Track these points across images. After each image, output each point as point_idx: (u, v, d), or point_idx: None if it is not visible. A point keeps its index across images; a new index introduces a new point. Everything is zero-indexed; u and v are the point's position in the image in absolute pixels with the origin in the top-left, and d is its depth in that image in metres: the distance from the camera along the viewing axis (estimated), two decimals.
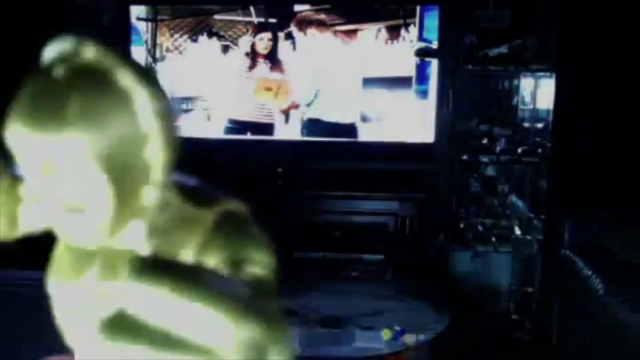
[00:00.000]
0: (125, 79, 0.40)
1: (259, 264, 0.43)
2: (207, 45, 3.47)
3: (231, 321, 0.35)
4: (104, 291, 0.42)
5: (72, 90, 0.39)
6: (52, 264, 0.47)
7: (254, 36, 3.44)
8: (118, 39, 3.47)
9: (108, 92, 0.40)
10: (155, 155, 0.41)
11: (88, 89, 0.40)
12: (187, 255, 0.42)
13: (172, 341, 0.34)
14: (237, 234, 0.45)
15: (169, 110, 0.42)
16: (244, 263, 0.43)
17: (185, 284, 0.35)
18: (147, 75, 0.42)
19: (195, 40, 3.48)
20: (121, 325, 0.35)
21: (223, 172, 3.47)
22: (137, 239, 0.42)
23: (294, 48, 3.43)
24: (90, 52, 0.42)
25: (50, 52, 0.42)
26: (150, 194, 0.42)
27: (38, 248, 0.68)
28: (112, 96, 0.40)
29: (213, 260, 0.42)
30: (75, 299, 0.44)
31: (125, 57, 0.42)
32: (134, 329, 0.34)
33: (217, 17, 3.47)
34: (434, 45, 3.34)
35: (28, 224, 0.46)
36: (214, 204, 0.45)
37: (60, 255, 0.47)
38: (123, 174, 0.40)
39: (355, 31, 3.40)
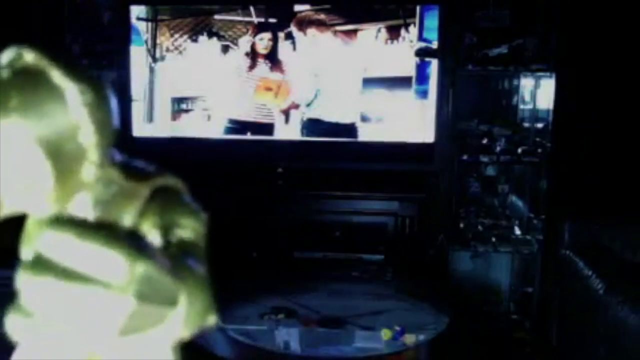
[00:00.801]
0: (57, 77, 0.49)
1: (188, 229, 0.52)
2: (207, 45, 3.47)
3: (126, 260, 0.44)
4: None
5: (13, 87, 0.49)
6: (24, 236, 0.56)
7: (254, 36, 3.44)
8: (118, 39, 3.47)
9: (42, 88, 0.49)
10: (89, 139, 0.50)
11: (26, 85, 0.49)
12: (127, 222, 0.51)
13: (77, 275, 0.43)
14: (168, 204, 0.53)
15: (99, 101, 0.51)
16: (174, 228, 0.51)
17: (90, 231, 0.45)
18: (77, 72, 0.51)
19: (195, 40, 3.48)
20: (38, 264, 0.44)
21: (223, 172, 3.47)
22: (84, 210, 0.52)
23: (294, 48, 3.43)
24: (29, 57, 0.51)
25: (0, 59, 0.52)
26: (89, 171, 0.51)
27: None
28: (46, 91, 0.49)
29: (148, 226, 0.51)
30: None
31: (59, 59, 0.51)
32: (48, 266, 0.44)
33: (217, 17, 3.47)
34: (434, 45, 3.34)
35: (9, 205, 0.53)
36: (150, 178, 0.54)
37: (29, 228, 0.56)
38: (60, 154, 0.49)
39: (355, 31, 3.40)
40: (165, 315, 0.46)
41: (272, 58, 3.45)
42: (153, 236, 0.51)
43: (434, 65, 3.36)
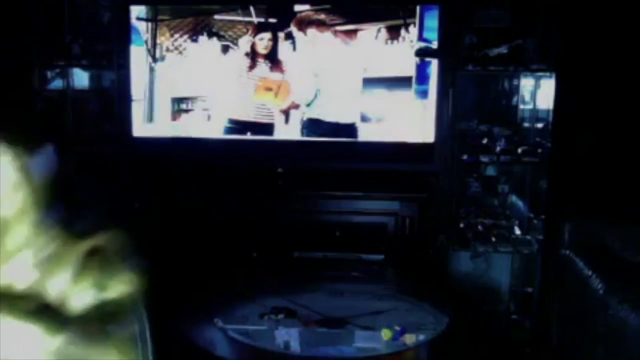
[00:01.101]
0: None
1: (118, 288, 0.58)
2: (207, 45, 3.47)
3: (45, 333, 0.48)
4: None
5: None
6: None
7: (254, 36, 3.43)
8: (118, 39, 3.47)
9: None
10: (20, 204, 0.53)
11: None
12: (64, 282, 0.56)
13: None
14: (101, 265, 0.58)
15: (23, 178, 0.54)
16: (105, 288, 0.57)
17: (8, 307, 0.49)
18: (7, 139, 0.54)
19: (195, 40, 3.47)
20: None
21: (223, 172, 3.47)
22: (25, 269, 0.55)
23: (294, 48, 3.43)
24: None
25: None
26: (20, 236, 0.54)
27: None
28: None
29: (82, 286, 0.56)
30: None
31: None
32: None
33: (217, 17, 3.47)
34: (434, 45, 3.34)
35: None
36: (86, 239, 0.59)
37: None
38: None
39: (355, 31, 3.40)
40: None
41: (272, 58, 3.45)
42: (85, 296, 0.55)
43: (434, 65, 3.36)
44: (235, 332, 2.44)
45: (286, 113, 3.50)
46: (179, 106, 3.54)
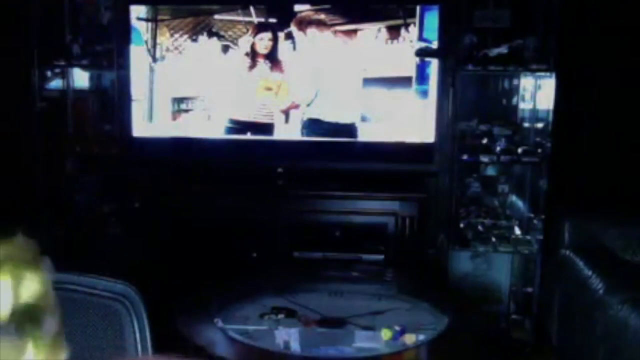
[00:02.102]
0: None
1: (34, 283, 0.63)
2: (207, 45, 3.47)
3: None
4: None
5: None
6: None
7: (254, 36, 3.43)
8: (118, 39, 3.47)
9: None
10: None
11: None
12: None
13: None
14: (18, 263, 0.64)
15: None
16: (21, 284, 0.62)
17: None
18: None
19: (195, 40, 3.47)
20: None
21: (223, 172, 3.47)
22: None
23: (294, 48, 3.43)
24: None
25: None
26: None
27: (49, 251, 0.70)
28: None
29: (3, 282, 0.61)
30: None
31: None
32: None
33: (217, 17, 3.47)
34: (434, 45, 3.34)
35: None
36: (4, 242, 0.64)
37: None
38: None
39: (355, 31, 3.40)
40: None
41: (272, 58, 3.45)
42: (5, 289, 0.62)
43: (434, 65, 3.36)
44: (235, 332, 2.43)
45: (286, 113, 3.50)
46: (179, 106, 3.54)
